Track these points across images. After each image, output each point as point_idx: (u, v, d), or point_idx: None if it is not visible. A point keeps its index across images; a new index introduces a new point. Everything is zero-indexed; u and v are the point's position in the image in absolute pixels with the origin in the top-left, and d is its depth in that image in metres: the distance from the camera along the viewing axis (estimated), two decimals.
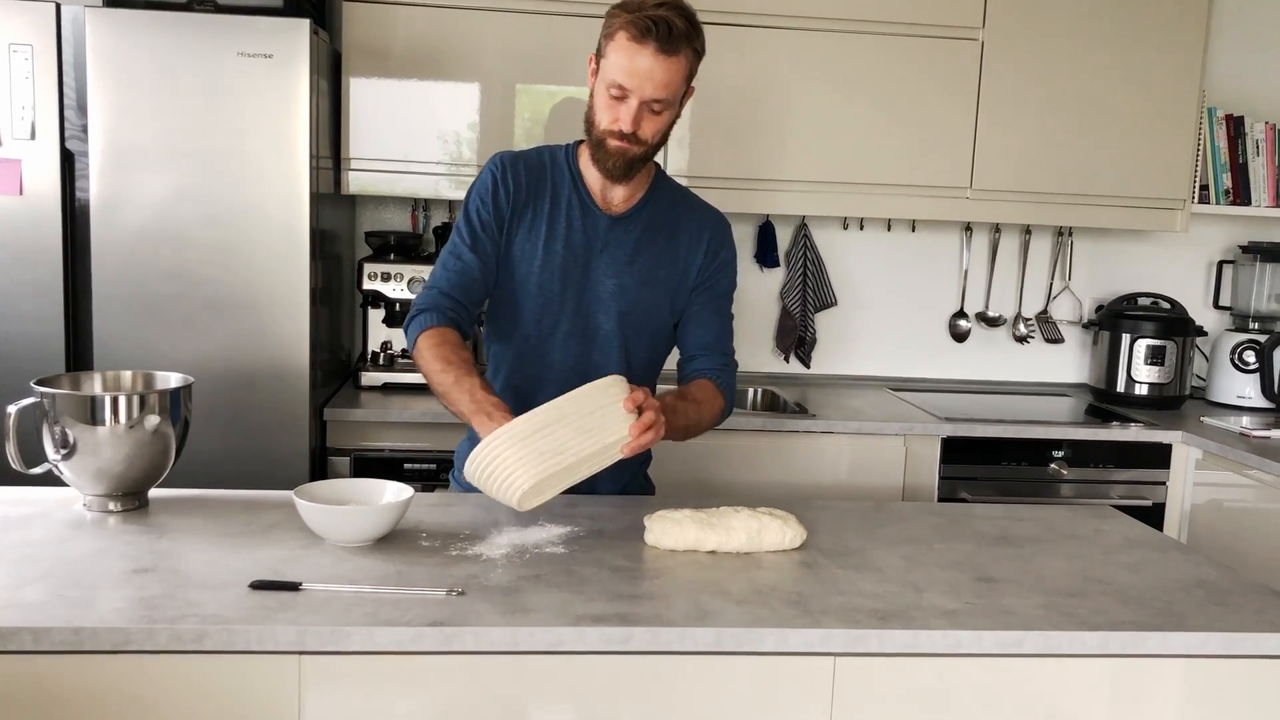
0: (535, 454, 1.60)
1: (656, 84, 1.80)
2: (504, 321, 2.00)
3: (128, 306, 2.65)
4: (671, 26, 1.78)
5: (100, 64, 2.58)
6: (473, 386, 1.76)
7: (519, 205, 1.95)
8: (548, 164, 1.98)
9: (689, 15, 1.82)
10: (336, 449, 2.85)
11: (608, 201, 1.97)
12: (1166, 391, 3.39)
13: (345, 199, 3.22)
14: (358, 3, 2.97)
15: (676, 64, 1.81)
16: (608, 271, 1.97)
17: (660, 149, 1.93)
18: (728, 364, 2.05)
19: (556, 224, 1.95)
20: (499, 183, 1.94)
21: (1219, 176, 3.49)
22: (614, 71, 1.81)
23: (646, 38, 1.78)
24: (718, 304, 2.05)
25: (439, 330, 1.87)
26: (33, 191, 2.65)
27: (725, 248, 2.05)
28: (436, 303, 1.91)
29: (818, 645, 1.44)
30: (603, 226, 1.97)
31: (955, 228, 3.61)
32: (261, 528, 1.74)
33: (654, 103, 1.82)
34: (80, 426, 1.73)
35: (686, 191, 2.09)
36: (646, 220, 1.99)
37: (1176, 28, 3.24)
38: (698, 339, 2.04)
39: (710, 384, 2.00)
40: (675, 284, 2.01)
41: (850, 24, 3.13)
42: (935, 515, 2.02)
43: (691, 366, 2.04)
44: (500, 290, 1.98)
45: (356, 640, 1.37)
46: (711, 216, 2.06)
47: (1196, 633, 1.50)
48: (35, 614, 1.37)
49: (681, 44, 1.80)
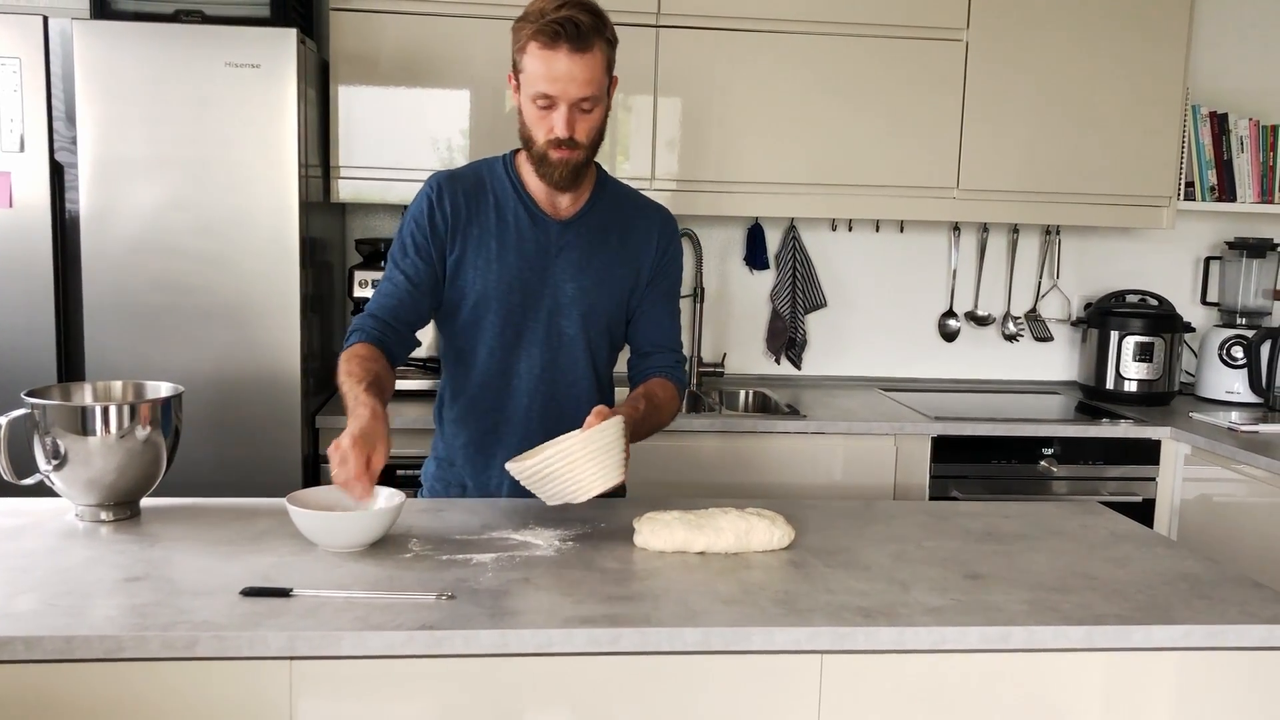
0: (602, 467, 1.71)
1: (580, 83, 1.81)
2: (466, 339, 2.00)
3: (118, 316, 2.66)
4: (579, 24, 1.78)
5: (88, 76, 2.59)
6: (359, 392, 1.74)
7: (459, 224, 1.95)
8: (486, 178, 1.98)
9: (592, 8, 1.83)
10: (328, 456, 2.85)
11: (555, 207, 1.98)
12: (1155, 388, 3.41)
13: (335, 207, 3.23)
14: (345, 12, 2.98)
15: (593, 58, 1.81)
16: (565, 276, 1.97)
17: (598, 147, 1.93)
18: (679, 360, 2.08)
19: (506, 236, 1.95)
20: (434, 205, 1.95)
21: (1204, 173, 3.51)
22: (535, 82, 1.82)
23: (558, 41, 1.78)
24: (668, 299, 2.07)
25: (361, 345, 1.88)
26: (22, 203, 2.66)
27: (674, 243, 2.07)
28: (363, 324, 1.92)
29: (805, 643, 1.46)
30: (554, 232, 1.97)
31: (943, 228, 3.63)
32: (253, 535, 1.75)
33: (582, 102, 1.83)
34: (71, 437, 1.74)
35: (630, 189, 2.11)
36: (596, 221, 2.00)
37: (1160, 26, 3.27)
38: (649, 335, 2.06)
39: (668, 382, 2.01)
40: (630, 282, 2.03)
41: (835, 26, 3.15)
42: (923, 513, 2.03)
43: (647, 364, 2.05)
44: (457, 310, 1.98)
45: (347, 645, 1.38)
46: (659, 213, 2.08)
47: (1180, 625, 1.51)
48: (28, 623, 1.38)
49: (593, 38, 1.80)
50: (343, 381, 1.80)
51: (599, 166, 2.04)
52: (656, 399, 1.97)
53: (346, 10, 2.98)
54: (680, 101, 3.13)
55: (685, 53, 3.09)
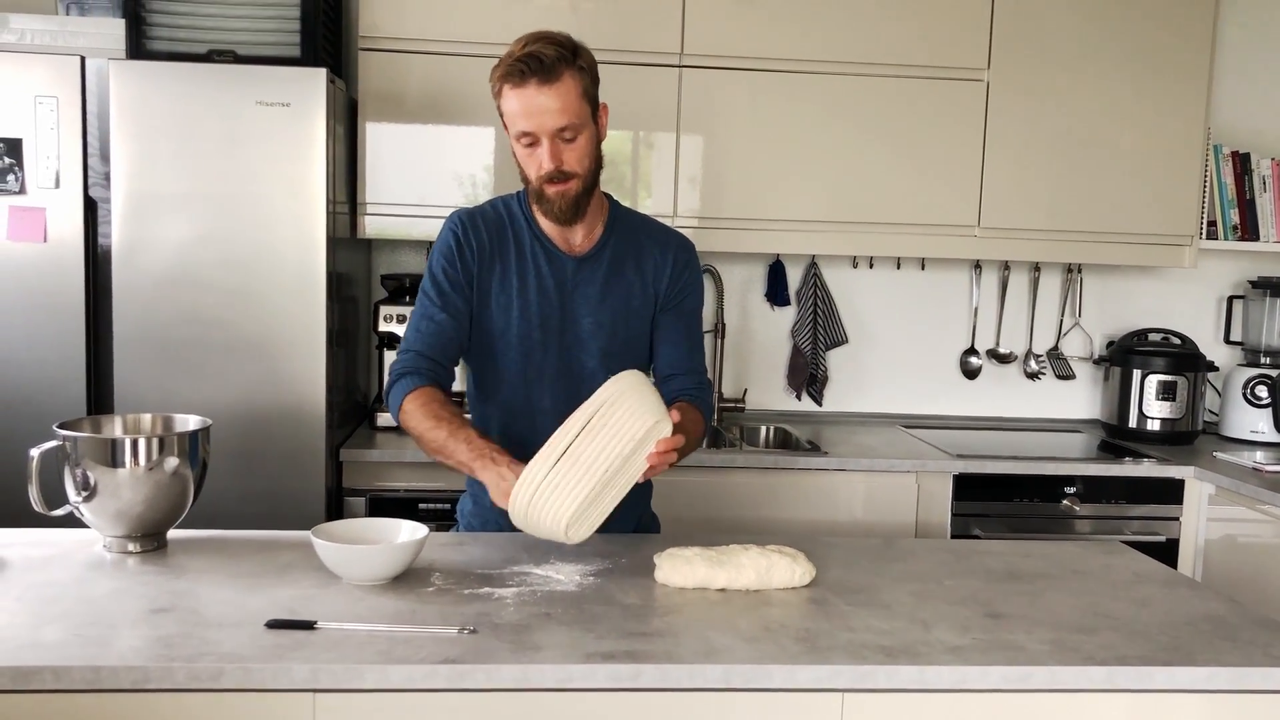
0: (567, 482, 1.64)
1: (553, 113, 1.83)
2: (489, 376, 2.03)
3: (148, 350, 2.69)
4: (542, 58, 1.81)
5: (123, 114, 2.64)
6: (469, 436, 1.80)
7: (485, 260, 1.98)
8: (504, 216, 2.01)
9: (557, 40, 1.85)
10: (352, 489, 2.88)
11: (570, 243, 2.00)
12: (1179, 427, 3.39)
13: (361, 242, 3.27)
14: (373, 52, 3.03)
15: (563, 87, 1.83)
16: (583, 311, 1.99)
17: (598, 174, 1.95)
18: (702, 383, 2.07)
19: (526, 274, 1.98)
20: (463, 241, 1.97)
21: (1226, 213, 3.51)
22: (515, 122, 1.86)
23: (526, 78, 1.82)
24: (686, 322, 2.07)
25: (423, 390, 1.89)
26: (57, 239, 2.71)
27: (690, 268, 2.08)
28: (415, 365, 1.93)
29: (825, 681, 1.45)
30: (570, 268, 1.99)
31: (964, 265, 3.64)
32: (277, 567, 1.76)
33: (563, 131, 1.85)
34: (101, 469, 1.77)
35: (646, 219, 2.12)
36: (611, 254, 2.02)
37: (1181, 66, 3.28)
38: (668, 358, 2.06)
39: (686, 405, 1.98)
40: (650, 311, 2.04)
41: (856, 67, 3.17)
42: (944, 551, 2.03)
43: (667, 389, 2.05)
44: (481, 347, 2.00)
45: (370, 678, 1.40)
46: (675, 239, 2.09)
47: (1204, 667, 1.50)
48: (56, 653, 1.40)
49: (560, 67, 1.83)
50: (429, 427, 1.84)
51: (611, 199, 2.06)
52: (684, 426, 1.95)
53: (375, 50, 3.03)
54: (702, 139, 3.16)
55: (707, 92, 3.13)
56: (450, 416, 1.84)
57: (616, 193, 3.09)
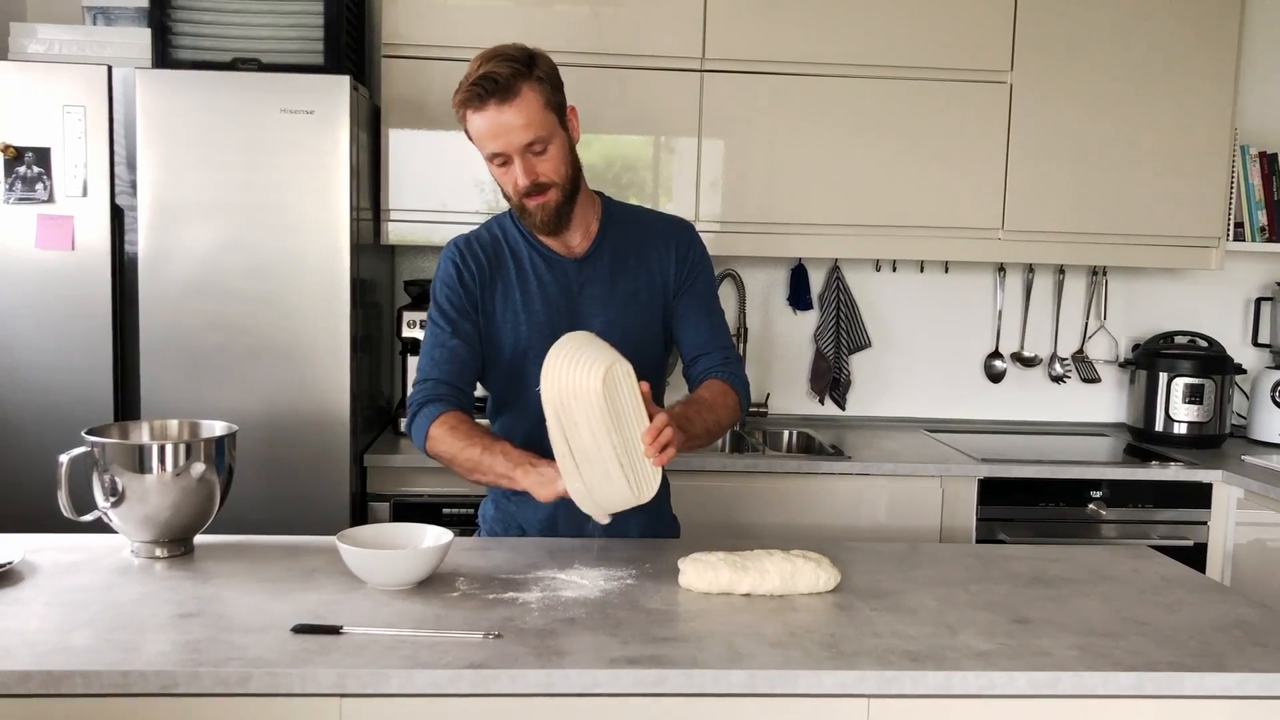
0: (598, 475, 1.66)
1: (516, 129, 1.83)
2: (508, 394, 2.03)
3: (174, 356, 2.72)
4: (495, 78, 1.81)
5: (149, 122, 2.67)
6: (505, 448, 1.82)
7: (485, 281, 1.99)
8: (499, 235, 2.03)
9: (511, 55, 1.84)
10: (376, 494, 2.89)
11: (568, 246, 2.00)
12: (1206, 430, 3.36)
13: (384, 249, 3.28)
14: (396, 59, 3.05)
15: (523, 102, 1.83)
16: (593, 311, 1.99)
17: (577, 179, 1.94)
18: (728, 358, 2.06)
19: (528, 285, 1.99)
20: (461, 267, 1.99)
21: (1254, 214, 3.48)
22: (483, 144, 1.87)
23: (484, 100, 1.82)
24: (701, 302, 2.06)
25: (449, 414, 1.90)
26: (84, 246, 2.74)
27: (694, 248, 2.07)
28: (436, 393, 1.93)
29: (851, 687, 1.45)
30: (572, 271, 2.00)
31: (988, 268, 3.62)
32: (303, 572, 1.77)
33: (531, 146, 1.85)
34: (129, 475, 1.78)
35: (640, 210, 2.12)
36: (611, 251, 2.02)
37: (1207, 66, 3.25)
38: (691, 341, 2.06)
39: (717, 381, 1.99)
40: (661, 300, 2.04)
41: (878, 70, 3.17)
42: (970, 556, 2.02)
43: (695, 370, 2.05)
44: (496, 366, 2.01)
45: (395, 683, 1.40)
46: (673, 224, 2.09)
47: (1234, 673, 1.49)
48: (85, 657, 1.41)
49: (516, 83, 1.82)
50: (462, 447, 1.84)
51: (603, 196, 2.06)
52: (700, 400, 1.95)
53: (397, 57, 3.05)
54: (724, 144, 3.16)
55: (729, 96, 3.13)
56: (481, 434, 1.86)
57: (638, 197, 3.12)
